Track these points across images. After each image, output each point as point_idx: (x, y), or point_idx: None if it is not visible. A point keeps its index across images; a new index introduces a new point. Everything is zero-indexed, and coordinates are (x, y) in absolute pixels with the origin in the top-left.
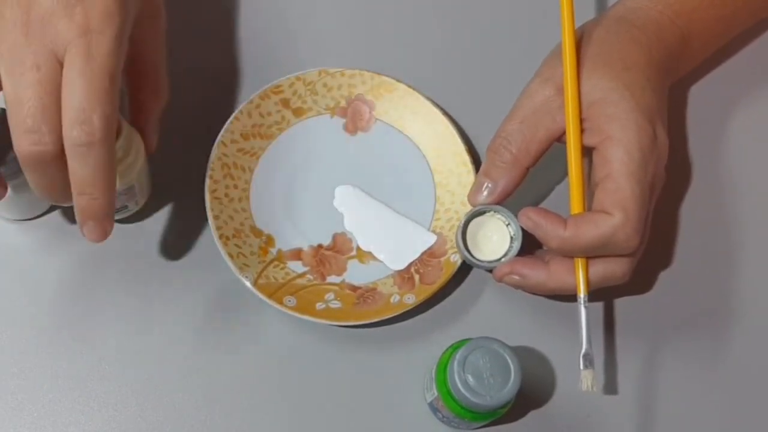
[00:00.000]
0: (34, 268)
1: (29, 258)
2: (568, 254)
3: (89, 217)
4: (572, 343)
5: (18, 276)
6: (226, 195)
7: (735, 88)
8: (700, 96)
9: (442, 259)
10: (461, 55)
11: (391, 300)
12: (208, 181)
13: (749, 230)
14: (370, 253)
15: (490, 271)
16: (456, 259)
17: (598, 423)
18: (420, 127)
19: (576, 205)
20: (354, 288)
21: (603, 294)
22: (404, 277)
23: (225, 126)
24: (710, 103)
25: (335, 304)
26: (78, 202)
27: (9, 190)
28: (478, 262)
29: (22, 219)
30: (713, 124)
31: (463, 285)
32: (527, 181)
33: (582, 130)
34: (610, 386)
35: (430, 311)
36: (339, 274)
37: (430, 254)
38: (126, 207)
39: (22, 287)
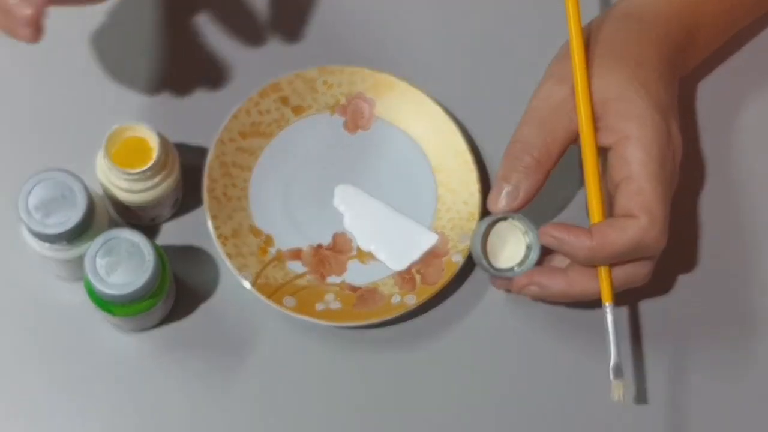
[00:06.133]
0: (31, 267)
1: (24, 261)
2: (597, 264)
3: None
4: (573, 343)
5: (16, 274)
6: (225, 194)
7: (745, 82)
8: (710, 91)
9: (444, 259)
10: (463, 52)
11: (392, 301)
12: (206, 181)
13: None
14: (370, 253)
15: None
16: (458, 260)
17: (601, 423)
18: (421, 125)
19: (596, 213)
20: (354, 288)
21: (622, 299)
22: (405, 277)
23: (223, 124)
24: (721, 98)
25: (335, 305)
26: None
27: None
28: (495, 272)
29: None
30: (725, 119)
31: (465, 285)
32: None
33: (596, 129)
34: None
35: (432, 312)
36: (339, 275)
37: (431, 254)
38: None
39: (21, 286)
